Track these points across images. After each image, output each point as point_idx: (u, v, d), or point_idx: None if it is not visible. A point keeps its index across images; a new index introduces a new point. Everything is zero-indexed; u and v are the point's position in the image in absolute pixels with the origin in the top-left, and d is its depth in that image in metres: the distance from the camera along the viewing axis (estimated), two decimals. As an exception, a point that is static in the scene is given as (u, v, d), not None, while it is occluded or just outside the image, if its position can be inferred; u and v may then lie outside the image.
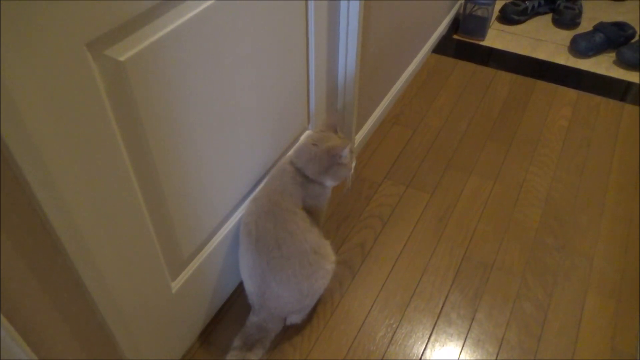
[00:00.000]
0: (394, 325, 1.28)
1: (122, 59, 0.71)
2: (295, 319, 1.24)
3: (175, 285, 1.06)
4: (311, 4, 1.16)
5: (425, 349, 1.24)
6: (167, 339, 1.11)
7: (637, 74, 2.10)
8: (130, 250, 0.89)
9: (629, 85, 2.05)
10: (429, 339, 1.26)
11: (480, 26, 2.26)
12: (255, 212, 1.13)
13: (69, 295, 0.80)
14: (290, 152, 1.19)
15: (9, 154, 0.62)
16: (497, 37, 2.32)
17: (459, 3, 2.42)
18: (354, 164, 1.21)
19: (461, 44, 2.29)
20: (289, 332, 1.26)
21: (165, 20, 0.77)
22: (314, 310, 1.30)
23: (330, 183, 1.18)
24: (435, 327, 1.28)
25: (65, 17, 0.61)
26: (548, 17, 2.46)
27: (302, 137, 1.18)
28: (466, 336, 1.27)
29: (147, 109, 0.79)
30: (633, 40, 2.20)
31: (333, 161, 1.13)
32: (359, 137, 1.70)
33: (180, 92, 0.85)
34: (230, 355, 1.15)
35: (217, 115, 0.97)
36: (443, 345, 1.25)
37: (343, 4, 1.29)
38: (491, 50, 2.25)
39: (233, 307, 1.32)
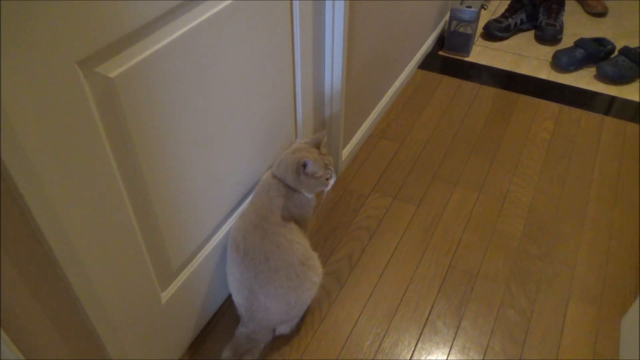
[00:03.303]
0: (381, 334, 1.31)
1: (112, 75, 0.74)
2: (284, 329, 1.26)
3: (165, 295, 1.09)
4: (296, 21, 1.20)
5: (411, 357, 1.26)
6: (157, 349, 1.13)
7: (616, 87, 2.16)
8: (120, 261, 0.91)
9: (612, 98, 2.10)
10: (416, 347, 1.28)
11: (465, 43, 2.33)
12: (243, 227, 1.15)
13: (59, 304, 0.82)
14: (273, 165, 1.23)
15: (3, 166, 0.64)
16: (481, 53, 2.39)
17: (444, 20, 2.48)
18: (332, 182, 1.24)
19: (446, 59, 2.35)
20: (278, 342, 1.28)
21: (154, 38, 0.81)
22: (302, 320, 1.32)
23: (306, 193, 1.22)
24: (422, 336, 1.31)
25: (58, 36, 0.64)
26: (530, 34, 2.53)
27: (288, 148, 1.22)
28: (452, 344, 1.29)
29: (136, 124, 0.82)
30: (612, 56, 2.27)
31: (299, 171, 1.18)
32: (346, 151, 1.74)
33: (169, 108, 0.88)
34: (219, 365, 1.17)
35: (204, 129, 1.00)
36: (429, 353, 1.27)
37: (327, 21, 1.34)
38: (475, 66, 2.31)
39: (223, 318, 1.33)
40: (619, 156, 1.84)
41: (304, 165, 1.17)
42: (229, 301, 1.36)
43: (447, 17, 2.46)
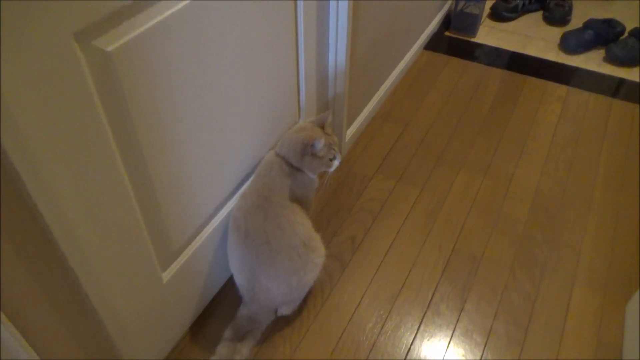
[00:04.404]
0: (384, 317, 1.30)
1: (109, 49, 0.72)
2: (285, 310, 1.25)
3: (166, 276, 1.07)
4: (300, -1, 1.17)
5: (414, 339, 1.26)
6: (158, 329, 1.12)
7: (625, 69, 2.12)
8: (121, 241, 0.90)
9: (621, 81, 2.07)
10: (418, 329, 1.28)
11: (472, 23, 2.28)
12: (245, 207, 1.14)
13: (58, 283, 0.81)
14: (277, 144, 1.20)
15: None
16: (488, 34, 2.34)
17: (450, 0, 2.43)
18: (336, 163, 1.22)
19: (453, 40, 2.31)
20: (280, 323, 1.28)
21: (153, 11, 0.78)
22: (304, 302, 1.31)
23: (309, 173, 1.20)
24: (425, 318, 1.30)
25: (53, 6, 0.62)
26: (538, 15, 2.48)
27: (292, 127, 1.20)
28: (455, 327, 1.28)
29: (135, 100, 0.80)
30: (622, 37, 2.22)
31: (306, 151, 1.15)
32: (349, 133, 1.71)
33: (169, 84, 0.86)
34: (221, 346, 1.16)
35: (205, 107, 0.98)
36: (432, 336, 1.26)
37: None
38: (482, 47, 2.26)
39: (225, 299, 1.33)
40: (626, 139, 1.81)
41: (312, 145, 1.15)
42: (230, 282, 1.35)
43: (454, -3, 2.41)
